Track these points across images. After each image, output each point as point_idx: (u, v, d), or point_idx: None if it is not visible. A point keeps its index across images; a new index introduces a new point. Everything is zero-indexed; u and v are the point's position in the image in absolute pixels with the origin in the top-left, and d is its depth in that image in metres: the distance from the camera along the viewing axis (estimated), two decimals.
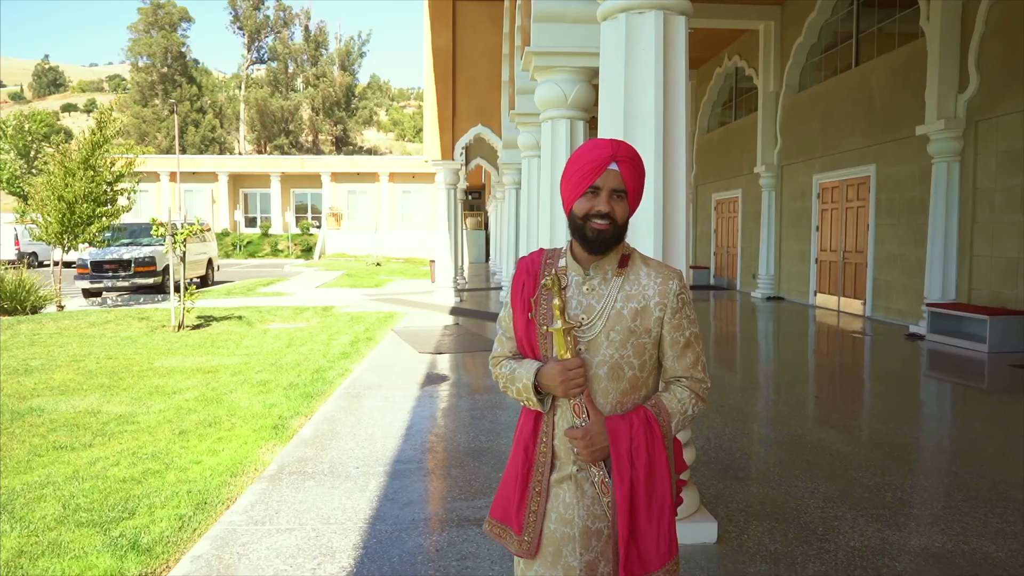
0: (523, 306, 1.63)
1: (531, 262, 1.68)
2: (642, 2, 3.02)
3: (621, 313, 1.57)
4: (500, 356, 1.72)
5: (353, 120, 66.97)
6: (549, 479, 1.59)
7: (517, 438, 1.66)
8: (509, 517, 1.62)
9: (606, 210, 1.53)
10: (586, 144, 1.59)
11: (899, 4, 10.83)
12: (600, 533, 1.56)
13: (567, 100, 5.92)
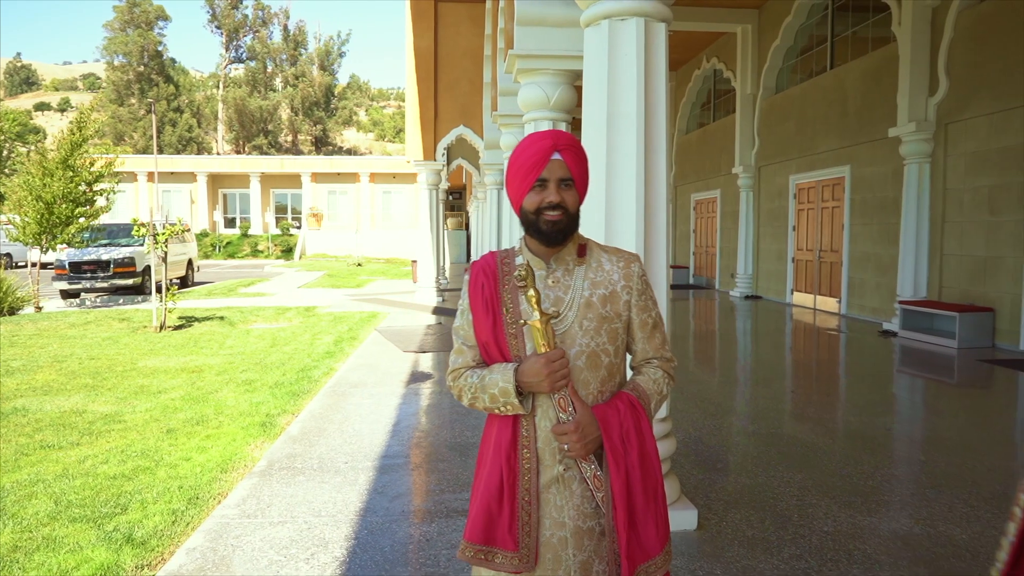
0: (486, 307, 1.58)
1: (486, 264, 1.63)
2: (624, 9, 3.14)
3: (591, 301, 1.56)
4: (461, 368, 1.62)
5: (333, 120, 66.66)
6: (538, 485, 1.53)
7: (495, 450, 1.56)
8: (496, 538, 1.53)
9: (557, 200, 1.52)
10: (525, 140, 1.57)
11: (872, 9, 11.09)
12: (592, 532, 1.53)
13: (550, 102, 6.03)
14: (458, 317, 1.65)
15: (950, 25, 9.09)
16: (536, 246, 1.59)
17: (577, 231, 1.59)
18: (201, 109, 62.26)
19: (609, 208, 3.29)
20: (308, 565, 2.94)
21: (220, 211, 39.32)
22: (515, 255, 1.63)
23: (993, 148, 8.55)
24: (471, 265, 1.65)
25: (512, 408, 1.51)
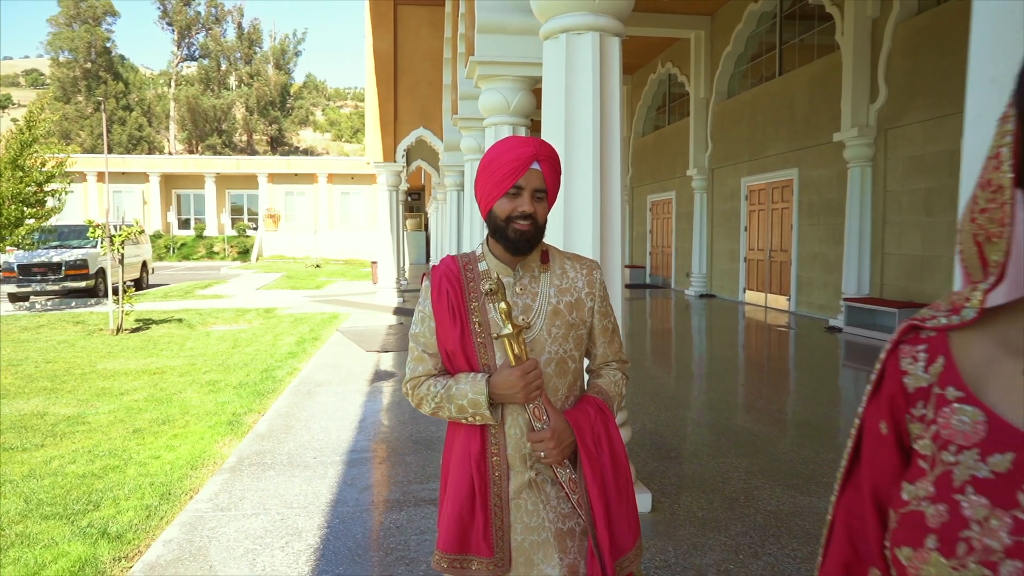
0: (452, 315, 1.55)
1: (448, 268, 1.60)
2: (581, 24, 3.34)
3: (558, 308, 1.56)
4: (420, 376, 1.59)
5: (289, 120, 65.77)
6: (508, 492, 1.53)
7: (461, 459, 1.55)
8: (471, 544, 1.53)
9: (530, 211, 1.50)
10: (505, 142, 1.54)
11: (817, 18, 11.57)
12: (573, 532, 1.53)
13: (510, 107, 6.22)
14: (417, 323, 1.61)
15: (888, 36, 9.57)
16: (501, 252, 1.57)
17: (542, 241, 1.58)
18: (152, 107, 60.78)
19: (567, 211, 3.48)
20: (283, 553, 3.07)
21: (174, 212, 38.52)
22: (477, 260, 1.61)
23: (929, 152, 9.04)
24: (431, 270, 1.63)
25: (481, 419, 1.51)
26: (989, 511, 0.54)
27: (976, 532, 0.54)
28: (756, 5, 12.92)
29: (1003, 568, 0.51)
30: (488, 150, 1.55)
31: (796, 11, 12.36)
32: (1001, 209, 0.58)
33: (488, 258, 1.60)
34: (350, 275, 24.06)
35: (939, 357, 0.63)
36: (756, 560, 3.02)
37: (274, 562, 2.98)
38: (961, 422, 0.59)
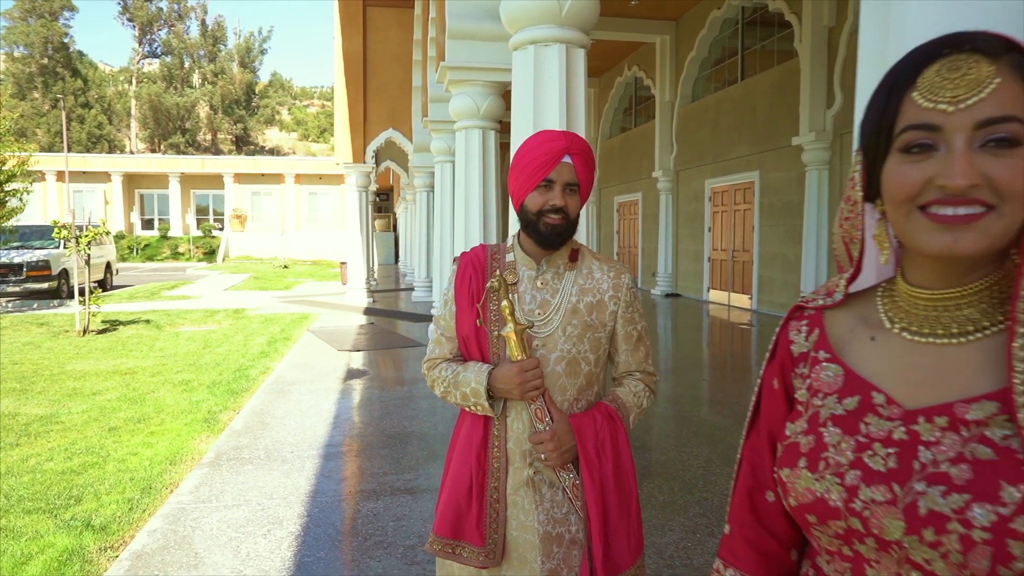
0: (471, 302, 1.57)
1: (475, 256, 1.62)
2: (548, 37, 3.53)
3: (577, 307, 1.55)
4: (437, 358, 1.63)
5: (254, 119, 64.99)
6: (506, 485, 1.53)
7: (464, 447, 1.57)
8: (464, 531, 1.54)
9: (561, 204, 1.49)
10: (538, 136, 1.53)
11: (777, 25, 11.96)
12: (561, 538, 1.51)
13: (479, 111, 6.39)
14: (441, 307, 1.64)
15: (843, 44, 9.97)
16: (530, 246, 1.57)
17: (574, 236, 1.57)
18: (112, 105, 59.53)
19: None
20: (266, 540, 3.20)
21: (137, 212, 37.91)
22: (506, 251, 1.62)
23: None
24: (460, 256, 1.65)
25: (482, 409, 1.51)
26: (841, 437, 0.73)
27: (832, 453, 0.72)
28: (719, 11, 13.27)
29: (848, 476, 0.70)
30: (521, 144, 1.55)
31: (757, 18, 12.74)
32: (857, 218, 0.78)
33: (516, 250, 1.60)
34: (319, 276, 23.99)
35: (816, 329, 0.82)
36: (711, 538, 3.24)
37: (257, 549, 3.12)
38: (827, 376, 0.78)
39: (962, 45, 0.67)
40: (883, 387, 0.73)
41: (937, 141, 0.67)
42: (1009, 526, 0.60)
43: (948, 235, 0.67)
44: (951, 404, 0.68)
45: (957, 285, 0.71)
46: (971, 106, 0.65)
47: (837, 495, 0.70)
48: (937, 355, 0.71)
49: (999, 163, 0.64)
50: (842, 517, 0.70)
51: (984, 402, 0.66)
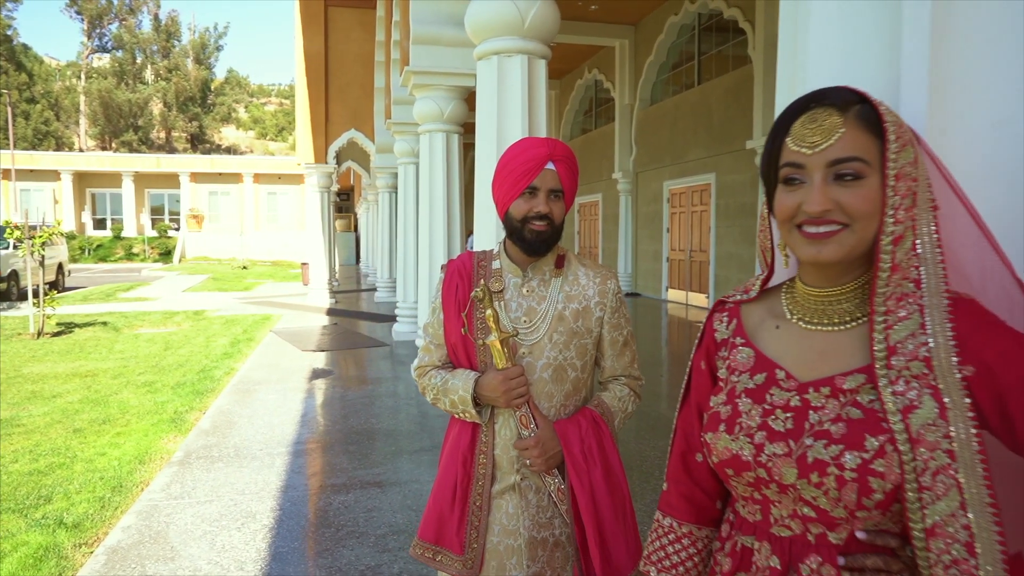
0: (458, 310, 1.58)
1: (462, 264, 1.64)
2: (511, 48, 3.70)
3: (563, 314, 1.55)
4: (427, 366, 1.65)
5: (210, 117, 63.79)
6: (490, 491, 1.54)
7: (452, 453, 1.59)
8: (445, 538, 1.55)
9: (545, 211, 1.50)
10: (520, 143, 1.55)
11: (732, 31, 12.34)
12: (546, 542, 1.52)
13: (443, 115, 6.53)
14: (429, 315, 1.67)
15: None
16: (516, 253, 1.58)
17: (559, 242, 1.59)
18: (60, 101, 57.77)
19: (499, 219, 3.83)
20: (240, 533, 3.30)
21: (89, 212, 36.91)
22: (492, 258, 1.63)
23: None
24: (447, 264, 1.67)
25: (470, 416, 1.53)
26: (751, 406, 0.90)
27: (744, 419, 0.90)
28: (676, 17, 13.61)
29: (756, 436, 0.88)
30: (504, 152, 1.58)
31: (713, 24, 13.12)
32: (767, 231, 0.97)
33: (502, 257, 1.62)
34: (279, 276, 23.77)
35: (734, 320, 1.00)
36: None
37: (232, 541, 3.21)
38: (742, 357, 0.96)
39: (822, 100, 0.86)
40: (784, 365, 0.91)
41: (804, 176, 0.86)
42: (870, 467, 0.78)
43: (814, 247, 0.86)
44: (832, 377, 0.86)
45: (836, 285, 0.90)
46: (823, 150, 0.84)
47: (748, 452, 0.88)
48: (823, 340, 0.90)
49: (848, 192, 0.84)
50: (752, 468, 0.88)
51: (856, 375, 0.85)
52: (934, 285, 0.81)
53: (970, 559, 0.74)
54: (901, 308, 0.82)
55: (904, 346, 0.80)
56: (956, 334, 0.79)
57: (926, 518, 0.76)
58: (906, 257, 0.82)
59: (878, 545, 0.82)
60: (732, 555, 0.94)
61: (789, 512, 0.88)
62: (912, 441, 0.77)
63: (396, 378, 7.00)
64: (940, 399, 0.77)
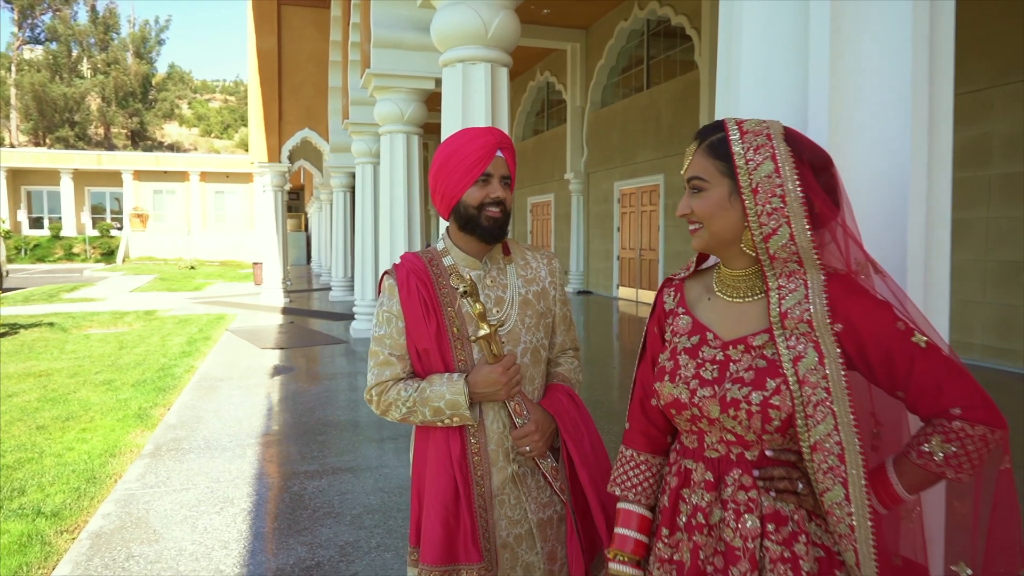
0: (426, 312, 1.52)
1: (414, 266, 1.57)
2: (475, 56, 3.94)
3: (527, 298, 1.59)
4: (388, 381, 1.53)
5: (151, 113, 61.98)
6: (491, 489, 1.52)
7: (440, 466, 1.51)
8: (458, 553, 1.48)
9: (502, 196, 1.52)
10: (463, 133, 1.55)
11: (679, 37, 12.81)
12: (551, 521, 1.56)
13: (404, 117, 6.73)
14: (382, 325, 1.56)
15: None
16: (468, 245, 1.58)
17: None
18: None
19: None
20: (220, 516, 3.45)
21: (24, 211, 35.57)
22: (441, 256, 1.60)
23: None
24: (394, 268, 1.59)
25: (460, 420, 1.48)
26: (688, 361, 1.17)
27: (683, 370, 1.16)
28: (626, 23, 14.03)
29: (691, 384, 1.14)
30: (442, 146, 1.57)
31: (661, 30, 13.57)
32: None
33: (453, 252, 1.60)
34: (229, 276, 23.44)
35: (678, 293, 1.27)
36: None
37: (213, 524, 3.37)
38: (683, 323, 1.22)
39: (696, 135, 1.17)
40: (712, 329, 1.18)
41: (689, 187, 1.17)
42: (769, 402, 1.06)
43: (693, 239, 1.18)
44: (746, 337, 1.13)
45: (741, 268, 1.17)
46: (684, 171, 1.17)
47: (685, 395, 1.15)
48: (739, 309, 1.16)
49: (696, 200, 1.15)
50: (688, 408, 1.15)
51: (762, 334, 1.11)
52: (811, 265, 1.07)
53: (841, 466, 1.01)
54: (791, 283, 1.09)
55: (793, 311, 1.07)
56: (829, 300, 1.05)
57: (811, 437, 1.04)
58: (784, 246, 1.07)
59: (781, 460, 1.09)
60: (678, 475, 1.21)
61: (717, 439, 1.14)
62: (800, 382, 1.04)
63: (357, 373, 7.15)
64: (820, 350, 1.04)
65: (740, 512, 1.10)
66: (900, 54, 1.32)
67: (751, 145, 1.09)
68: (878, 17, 1.33)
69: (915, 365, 1.00)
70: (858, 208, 1.31)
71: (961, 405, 0.98)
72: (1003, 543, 1.03)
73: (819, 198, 1.06)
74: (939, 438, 0.99)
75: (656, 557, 1.22)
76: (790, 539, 1.07)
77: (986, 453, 0.98)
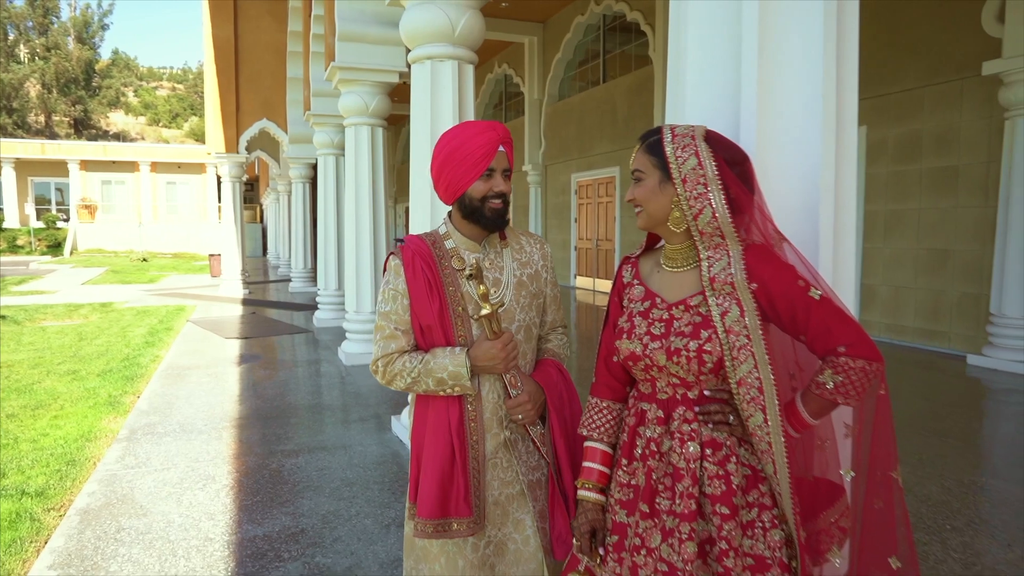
0: (430, 291, 1.65)
1: (418, 248, 1.70)
2: (443, 54, 4.14)
3: (522, 280, 1.74)
4: (392, 354, 1.67)
5: (95, 100, 60.08)
6: (484, 453, 1.67)
7: (438, 430, 1.66)
8: (450, 508, 1.64)
9: (505, 190, 1.67)
10: (465, 128, 1.67)
11: (635, 32, 13.15)
12: (540, 483, 1.73)
13: (368, 109, 6.87)
14: (387, 302, 1.69)
15: None
16: (470, 230, 1.72)
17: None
18: None
19: (434, 205, 4.27)
20: (204, 492, 3.62)
21: None
22: (443, 239, 1.74)
23: None
24: (399, 250, 1.72)
25: (460, 389, 1.63)
26: (641, 321, 1.42)
27: (637, 329, 1.42)
28: (583, 17, 14.31)
29: (643, 339, 1.40)
30: (446, 138, 1.68)
31: (617, 25, 13.89)
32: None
33: (455, 236, 1.74)
34: (183, 269, 23.08)
35: (634, 268, 1.53)
36: None
37: (198, 498, 3.54)
38: (637, 292, 1.48)
39: (640, 138, 1.43)
40: (660, 294, 1.44)
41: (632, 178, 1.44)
42: (703, 348, 1.33)
43: (637, 220, 1.43)
44: (685, 299, 1.40)
45: (679, 243, 1.43)
46: (630, 164, 1.43)
47: (639, 349, 1.41)
48: (680, 276, 1.43)
49: (637, 188, 1.42)
50: (642, 359, 1.41)
51: (697, 296, 1.38)
52: (731, 238, 1.34)
53: (760, 396, 1.29)
54: (717, 253, 1.36)
55: (719, 276, 1.34)
56: (746, 266, 1.32)
57: (736, 375, 1.31)
58: (709, 223, 1.34)
59: (716, 398, 1.37)
60: (635, 415, 1.47)
61: (665, 383, 1.41)
62: (727, 331, 1.32)
63: (323, 360, 7.30)
64: (741, 305, 1.31)
65: (684, 440, 1.37)
66: (814, 67, 1.60)
67: (680, 145, 1.36)
68: (798, 41, 1.61)
69: (811, 314, 1.28)
70: (780, 199, 1.60)
71: (845, 343, 1.26)
72: (883, 451, 1.33)
73: (734, 185, 1.33)
74: (830, 371, 1.27)
75: (617, 483, 1.48)
76: (724, 460, 1.34)
77: (867, 382, 1.26)
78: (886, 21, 7.93)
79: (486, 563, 1.69)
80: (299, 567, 2.84)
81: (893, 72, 7.90)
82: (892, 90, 7.93)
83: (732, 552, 1.30)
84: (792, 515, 1.30)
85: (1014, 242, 6.40)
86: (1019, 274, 6.40)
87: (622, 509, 1.45)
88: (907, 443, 4.43)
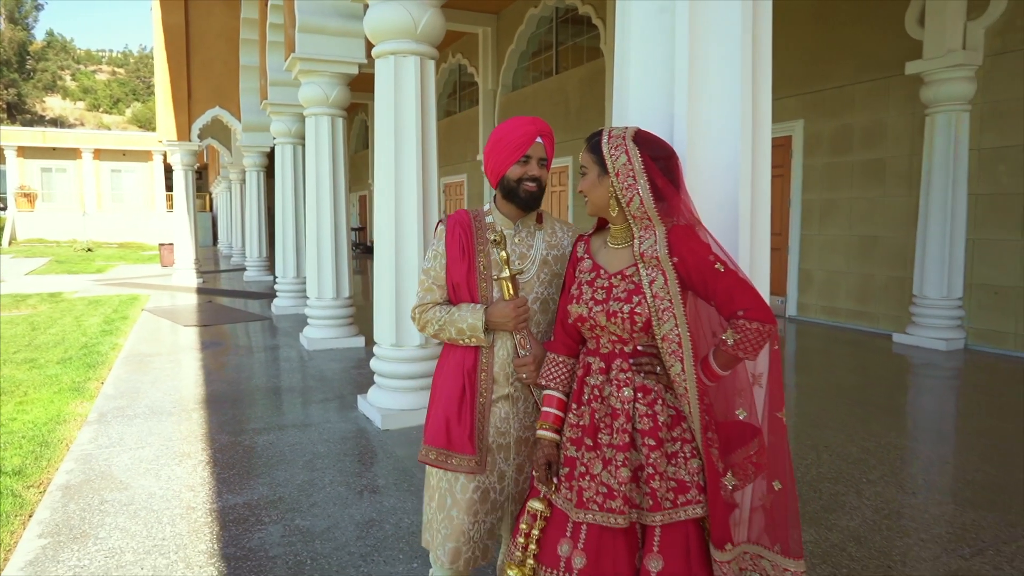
0: (462, 254, 1.93)
1: (461, 218, 1.99)
2: (405, 49, 4.36)
3: (547, 259, 1.97)
4: (428, 304, 1.97)
5: (30, 84, 57.84)
6: (490, 401, 1.90)
7: (455, 372, 1.93)
8: (456, 443, 1.89)
9: (538, 174, 1.90)
10: (513, 121, 1.93)
11: (587, 24, 13.45)
12: (528, 440, 1.94)
13: (328, 100, 7.01)
14: (430, 260, 2.00)
15: None
16: (508, 209, 1.98)
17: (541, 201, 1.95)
18: None
19: (397, 193, 4.50)
20: (181, 467, 3.80)
21: None
22: (485, 215, 2.01)
23: None
24: (446, 218, 2.02)
25: (476, 341, 1.89)
26: (588, 288, 1.71)
27: (584, 295, 1.70)
28: (536, 9, 14.55)
29: (589, 303, 1.68)
30: (497, 129, 1.97)
31: (570, 18, 14.18)
32: None
33: (495, 213, 2.01)
34: (131, 259, 22.63)
35: (586, 245, 1.81)
36: None
37: (176, 472, 3.72)
38: (586, 265, 1.76)
39: (586, 139, 1.71)
40: (604, 267, 1.73)
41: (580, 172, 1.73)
42: (635, 311, 1.62)
43: (586, 207, 1.72)
44: (622, 270, 1.69)
45: (619, 224, 1.72)
46: (580, 160, 1.72)
47: (585, 311, 1.70)
48: (619, 252, 1.72)
49: (583, 181, 1.72)
50: (588, 319, 1.70)
51: (631, 267, 1.68)
52: (656, 221, 1.64)
53: (679, 349, 1.60)
54: (646, 233, 1.65)
55: (648, 251, 1.63)
56: (669, 243, 1.62)
57: (661, 332, 1.61)
58: (638, 208, 1.63)
59: (647, 352, 1.67)
60: (583, 367, 1.76)
61: (606, 339, 1.71)
62: (653, 296, 1.61)
63: (285, 345, 7.46)
64: (665, 276, 1.61)
65: (621, 386, 1.67)
66: (733, 72, 1.90)
67: (613, 144, 1.65)
68: (719, 48, 1.91)
69: (718, 283, 1.58)
70: (705, 191, 1.90)
71: (744, 308, 1.56)
72: (773, 395, 1.66)
73: (659, 177, 1.62)
74: (732, 331, 1.57)
75: (568, 424, 1.78)
76: (652, 402, 1.65)
77: (761, 340, 1.57)
78: (824, 20, 8.41)
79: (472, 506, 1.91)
80: (280, 529, 3.07)
81: (827, 70, 8.40)
82: (827, 86, 8.42)
83: (658, 476, 1.61)
84: (702, 446, 1.61)
85: (933, 229, 6.95)
86: (938, 258, 6.95)
87: (572, 445, 1.75)
88: (835, 411, 4.87)
